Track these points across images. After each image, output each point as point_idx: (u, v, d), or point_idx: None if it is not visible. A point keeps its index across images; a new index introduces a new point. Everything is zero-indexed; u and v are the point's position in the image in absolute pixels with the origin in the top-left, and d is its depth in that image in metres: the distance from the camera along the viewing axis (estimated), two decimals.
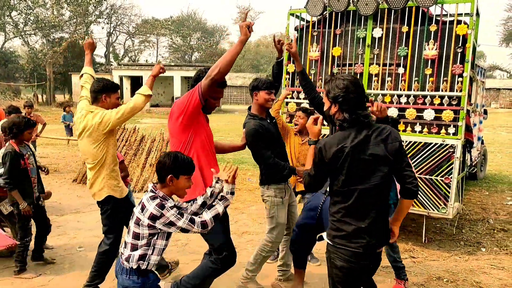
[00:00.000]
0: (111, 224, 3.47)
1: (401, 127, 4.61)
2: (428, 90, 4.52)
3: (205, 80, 2.72)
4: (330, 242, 2.39)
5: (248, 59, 53.77)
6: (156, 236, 2.33)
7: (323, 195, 3.25)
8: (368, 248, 2.31)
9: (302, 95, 5.22)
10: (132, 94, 31.35)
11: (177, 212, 2.31)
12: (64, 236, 5.07)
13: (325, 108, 2.44)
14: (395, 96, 4.67)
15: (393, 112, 4.65)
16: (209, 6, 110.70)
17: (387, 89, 4.73)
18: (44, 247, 4.36)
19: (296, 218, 3.73)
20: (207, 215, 2.42)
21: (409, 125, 4.62)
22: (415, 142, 4.58)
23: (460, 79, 4.37)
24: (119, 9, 46.91)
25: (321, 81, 5.10)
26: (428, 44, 4.47)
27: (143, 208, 2.30)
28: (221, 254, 2.95)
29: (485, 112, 8.38)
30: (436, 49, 4.43)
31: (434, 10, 4.50)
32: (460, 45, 4.32)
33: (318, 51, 5.10)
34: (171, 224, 2.29)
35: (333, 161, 2.29)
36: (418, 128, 4.57)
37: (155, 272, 2.48)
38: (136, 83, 31.39)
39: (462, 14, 4.38)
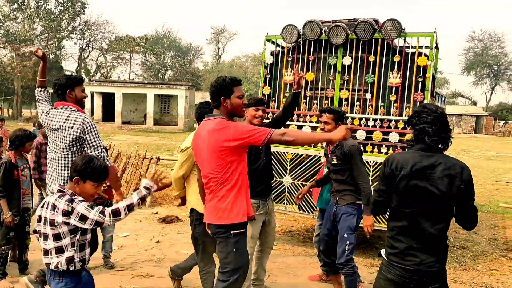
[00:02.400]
0: None
1: (368, 148, 4.95)
2: (393, 115, 4.89)
3: (276, 136, 2.67)
4: (385, 258, 2.48)
5: None
6: (76, 234, 2.39)
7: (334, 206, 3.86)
8: (421, 267, 2.33)
9: (301, 119, 5.48)
10: (104, 110, 31.16)
11: (87, 205, 2.36)
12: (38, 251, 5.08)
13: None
14: (363, 119, 5.02)
15: (361, 134, 4.99)
16: (183, 25, 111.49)
17: (356, 113, 5.08)
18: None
19: (271, 238, 3.90)
20: (121, 204, 2.44)
21: (376, 146, 4.96)
22: (381, 163, 4.91)
23: (422, 104, 4.76)
24: (92, 25, 46.68)
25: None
26: (392, 73, 4.87)
27: (54, 207, 2.34)
28: (236, 276, 2.84)
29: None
30: (399, 78, 4.82)
31: (398, 42, 4.92)
32: (421, 74, 4.73)
33: (292, 75, 5.42)
34: (83, 218, 2.33)
35: (390, 177, 2.38)
36: (384, 149, 4.91)
37: (86, 268, 2.55)
38: (108, 99, 31.12)
39: (423, 46, 4.80)
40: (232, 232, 2.78)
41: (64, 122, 3.40)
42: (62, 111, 3.45)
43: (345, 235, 3.70)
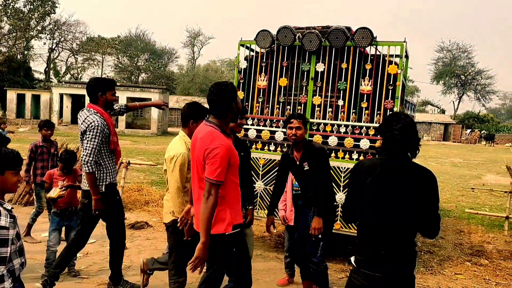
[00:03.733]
0: None
1: (340, 154, 5.00)
2: (364, 122, 4.97)
3: (205, 195, 2.68)
4: (354, 265, 2.49)
5: (197, 83, 53.97)
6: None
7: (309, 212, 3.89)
8: (389, 274, 2.36)
9: (274, 124, 5.48)
10: (73, 112, 30.37)
11: (8, 220, 2.16)
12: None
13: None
14: (335, 125, 5.08)
15: (333, 140, 5.04)
16: (158, 28, 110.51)
17: (328, 119, 5.13)
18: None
19: (250, 248, 3.87)
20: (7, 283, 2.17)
21: (347, 153, 5.02)
22: None
23: (391, 113, 4.86)
24: (63, 25, 45.62)
25: (268, 109, 5.43)
26: (364, 80, 4.95)
27: None
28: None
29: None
30: (371, 85, 4.91)
31: (370, 50, 5.01)
32: (391, 82, 4.83)
33: (266, 81, 5.43)
34: None
35: (358, 184, 2.41)
36: (355, 156, 4.98)
37: (20, 279, 2.37)
38: (78, 101, 30.43)
39: (393, 55, 4.91)
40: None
41: (82, 124, 3.77)
42: (84, 112, 3.82)
43: (320, 235, 3.77)
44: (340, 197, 4.93)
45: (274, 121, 5.39)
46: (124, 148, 17.94)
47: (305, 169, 3.80)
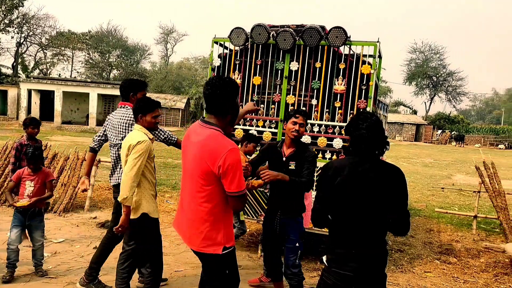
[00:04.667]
0: None
1: None
2: (337, 121, 5.01)
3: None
4: (326, 264, 2.50)
5: (170, 81, 53.43)
6: None
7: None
8: (360, 273, 2.38)
9: (248, 122, 5.46)
10: (42, 109, 29.59)
11: None
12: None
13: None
14: (309, 125, 5.11)
15: (306, 139, 5.07)
16: (130, 24, 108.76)
17: None
18: None
19: None
20: None
21: (320, 152, 5.05)
22: None
23: (357, 112, 4.92)
24: (32, 19, 44.31)
25: (242, 107, 5.40)
26: (337, 80, 5.00)
27: None
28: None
29: (387, 143, 9.26)
30: (344, 85, 4.96)
31: (343, 49, 5.06)
32: (364, 82, 4.90)
33: (240, 79, 5.41)
34: None
35: (327, 184, 2.42)
36: (328, 155, 5.02)
37: None
38: (46, 97, 29.64)
39: (366, 55, 4.98)
40: None
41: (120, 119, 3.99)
42: (120, 109, 4.05)
43: (297, 244, 3.74)
44: (313, 195, 4.96)
45: (247, 119, 5.38)
46: None
47: (290, 167, 3.70)
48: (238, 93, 2.63)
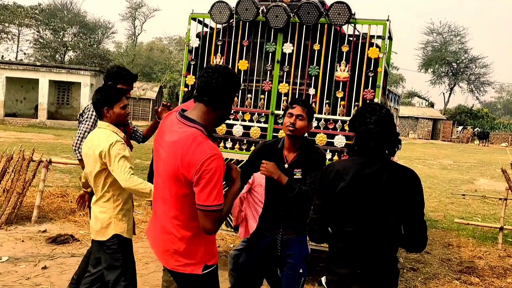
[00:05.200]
0: None
1: None
2: (339, 114, 5.04)
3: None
4: (325, 286, 2.51)
5: (138, 65, 53.08)
6: None
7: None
8: None
9: (232, 116, 5.44)
10: None
11: None
12: None
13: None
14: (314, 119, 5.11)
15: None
16: None
17: None
18: None
19: None
20: None
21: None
22: None
23: (364, 104, 4.95)
24: None
25: (231, 109, 5.40)
26: (340, 65, 5.02)
27: None
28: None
29: (399, 141, 9.34)
30: (347, 71, 4.98)
31: (347, 29, 5.08)
32: (371, 68, 4.92)
33: (223, 63, 5.40)
34: None
35: (327, 190, 2.42)
36: (328, 155, 5.02)
37: None
38: None
39: (374, 36, 5.00)
40: None
41: None
42: None
43: (301, 270, 3.62)
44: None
45: (232, 112, 5.37)
46: (45, 143, 17.44)
47: (295, 176, 3.52)
48: (239, 89, 2.64)
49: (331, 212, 2.46)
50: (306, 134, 3.78)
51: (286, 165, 3.59)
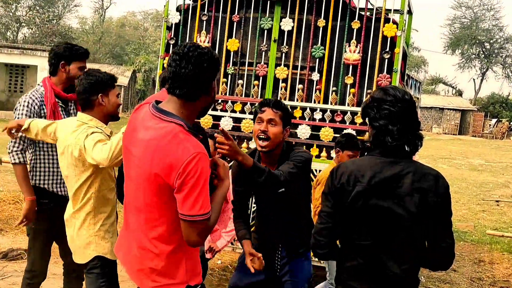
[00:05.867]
0: None
1: (314, 151, 5.06)
2: (348, 104, 5.03)
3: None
4: None
5: (107, 45, 52.88)
6: None
7: None
8: None
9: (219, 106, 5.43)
10: None
11: None
12: None
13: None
14: (308, 109, 5.13)
15: (304, 131, 5.08)
16: None
17: (297, 100, 5.18)
18: None
19: None
20: None
21: (324, 149, 5.08)
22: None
23: (379, 88, 4.95)
24: None
25: (215, 94, 5.39)
26: (349, 45, 5.01)
27: None
28: None
29: (421, 137, 9.33)
30: (359, 53, 4.98)
31: (358, 2, 5.07)
32: (387, 49, 4.92)
33: (208, 42, 5.39)
34: None
35: (339, 195, 2.39)
36: (335, 153, 5.03)
37: None
38: None
39: (391, 10, 5.00)
40: None
41: None
42: None
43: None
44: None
45: (220, 102, 5.37)
46: None
47: (279, 191, 3.47)
48: (218, 71, 2.57)
49: (342, 222, 2.45)
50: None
51: None
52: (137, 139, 2.52)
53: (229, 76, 5.37)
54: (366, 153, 3.22)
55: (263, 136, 3.37)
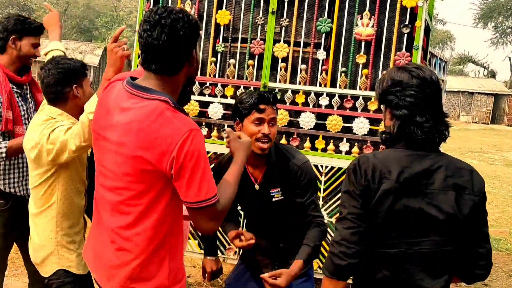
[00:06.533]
0: None
1: (319, 144, 5.07)
2: (360, 88, 5.03)
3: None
4: None
5: (73, 18, 52.66)
6: None
7: None
8: None
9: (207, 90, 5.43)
10: None
11: None
12: None
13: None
14: (312, 94, 5.13)
15: (308, 119, 5.07)
16: None
17: (300, 83, 5.18)
18: None
19: None
20: None
21: (331, 141, 5.07)
22: (339, 169, 5.04)
23: (396, 67, 4.95)
24: None
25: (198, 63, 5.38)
26: (361, 18, 5.00)
27: None
28: None
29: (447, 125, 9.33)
30: (373, 26, 4.97)
31: None
32: (407, 23, 4.91)
33: (194, 14, 5.36)
34: None
35: (365, 194, 2.36)
36: (344, 146, 5.04)
37: None
38: None
39: None
40: None
41: None
42: None
43: None
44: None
45: (208, 85, 5.36)
46: None
47: (274, 199, 3.54)
48: (198, 36, 2.58)
49: (368, 230, 2.41)
50: None
51: (256, 186, 3.57)
52: (112, 123, 2.51)
53: (219, 54, 5.36)
54: (382, 146, 3.21)
55: (266, 140, 3.37)
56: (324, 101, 5.10)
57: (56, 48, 4.18)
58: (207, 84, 5.35)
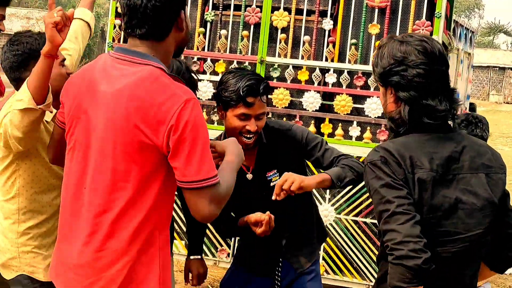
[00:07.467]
0: None
1: (325, 128, 5.11)
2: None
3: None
4: None
5: None
6: None
7: None
8: None
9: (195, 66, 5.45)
10: None
11: None
12: None
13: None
14: (317, 71, 5.14)
15: (312, 99, 5.08)
16: None
17: (302, 57, 5.19)
18: None
19: None
20: None
21: (340, 125, 5.10)
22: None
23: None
24: None
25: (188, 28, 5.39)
26: None
27: None
28: None
29: (472, 107, 9.35)
30: None
31: None
32: None
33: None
34: None
35: (407, 183, 2.36)
36: (355, 131, 5.07)
37: None
38: None
39: None
40: None
41: None
42: None
43: None
44: (326, 208, 5.01)
45: (196, 60, 5.37)
46: None
47: (272, 183, 3.55)
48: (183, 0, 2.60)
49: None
50: None
51: (249, 175, 3.59)
52: (96, 96, 2.50)
53: (208, 24, 5.36)
54: (390, 134, 3.18)
55: (251, 136, 3.38)
56: (331, 78, 5.11)
57: (78, 17, 4.02)
58: (195, 59, 5.36)
